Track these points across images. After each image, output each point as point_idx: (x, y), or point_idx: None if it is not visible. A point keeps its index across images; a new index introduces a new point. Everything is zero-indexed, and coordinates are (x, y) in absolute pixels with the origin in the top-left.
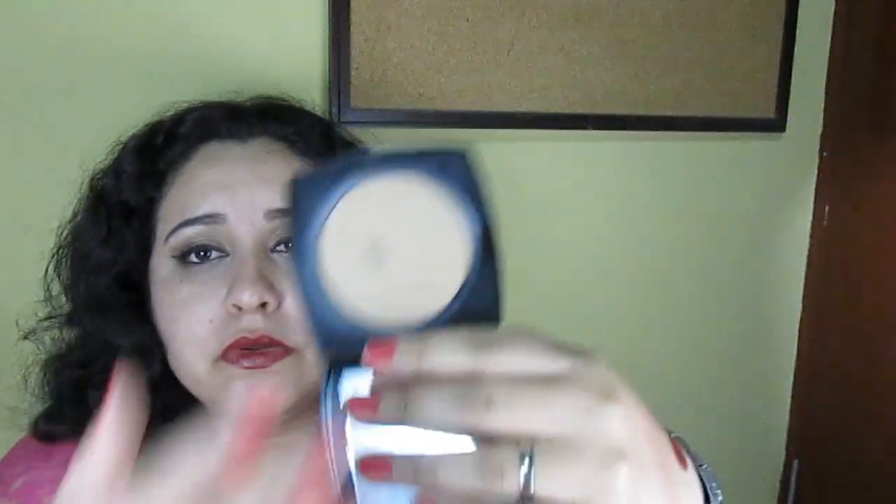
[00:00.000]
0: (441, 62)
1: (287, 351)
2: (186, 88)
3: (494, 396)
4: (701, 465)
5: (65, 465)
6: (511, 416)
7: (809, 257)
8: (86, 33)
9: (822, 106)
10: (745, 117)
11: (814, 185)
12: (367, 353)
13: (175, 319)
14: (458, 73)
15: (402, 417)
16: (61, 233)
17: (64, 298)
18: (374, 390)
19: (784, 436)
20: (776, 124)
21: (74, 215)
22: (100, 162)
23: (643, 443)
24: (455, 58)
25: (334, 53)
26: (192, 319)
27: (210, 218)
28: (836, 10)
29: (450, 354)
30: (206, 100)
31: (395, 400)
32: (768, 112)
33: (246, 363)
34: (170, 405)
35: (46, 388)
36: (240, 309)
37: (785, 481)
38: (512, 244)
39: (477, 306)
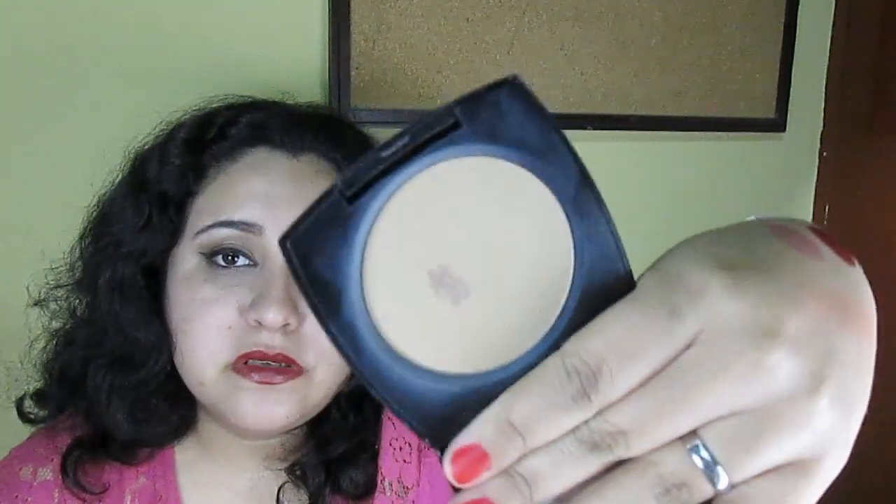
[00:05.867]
0: (441, 62)
1: (299, 371)
2: (187, 88)
3: (628, 424)
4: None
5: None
6: (657, 431)
7: None
8: (86, 33)
9: (822, 106)
10: (745, 117)
11: (814, 185)
12: (452, 470)
13: (191, 318)
14: (458, 73)
15: (528, 500)
16: (93, 207)
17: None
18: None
19: None
20: (776, 124)
21: (110, 193)
22: (144, 142)
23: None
24: (455, 58)
25: (334, 53)
26: (210, 321)
27: (246, 226)
28: (836, 10)
29: (555, 412)
30: (262, 98)
31: (510, 485)
32: (768, 112)
33: (257, 377)
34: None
35: (43, 366)
36: (260, 324)
37: None
38: None
39: (601, 278)
